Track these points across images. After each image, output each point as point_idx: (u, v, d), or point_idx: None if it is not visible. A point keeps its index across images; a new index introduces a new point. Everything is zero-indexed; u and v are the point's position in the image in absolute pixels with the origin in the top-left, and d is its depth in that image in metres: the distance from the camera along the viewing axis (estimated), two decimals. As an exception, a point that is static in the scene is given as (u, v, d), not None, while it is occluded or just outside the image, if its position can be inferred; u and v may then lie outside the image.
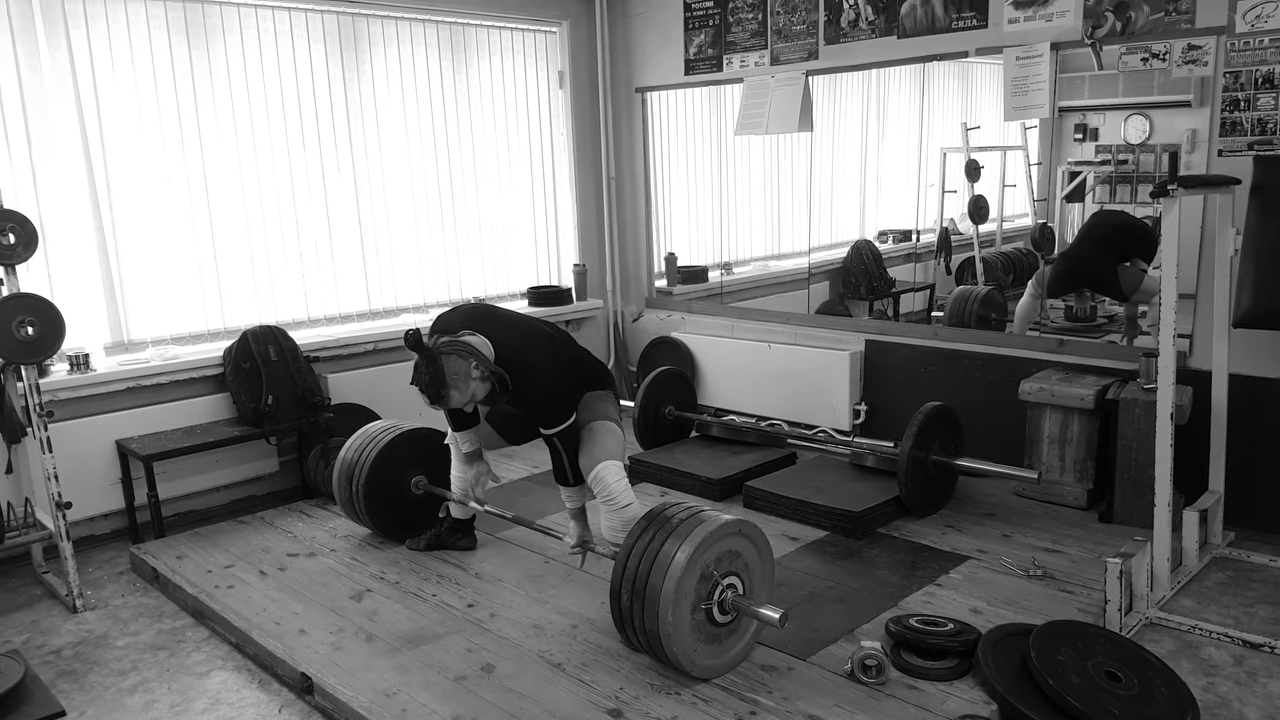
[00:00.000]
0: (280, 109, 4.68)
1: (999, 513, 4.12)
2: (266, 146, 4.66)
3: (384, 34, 5.00)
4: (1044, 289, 5.03)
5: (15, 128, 3.96)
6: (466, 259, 5.50)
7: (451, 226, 5.41)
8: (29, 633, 3.45)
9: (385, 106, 5.05)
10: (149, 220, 4.36)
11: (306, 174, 4.81)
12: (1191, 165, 4.51)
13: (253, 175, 4.63)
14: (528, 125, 5.69)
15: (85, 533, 4.20)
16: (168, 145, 4.36)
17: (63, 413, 3.98)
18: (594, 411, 3.38)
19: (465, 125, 5.39)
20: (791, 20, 4.95)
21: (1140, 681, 2.61)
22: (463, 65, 5.34)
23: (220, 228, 4.56)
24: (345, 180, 4.95)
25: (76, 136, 4.12)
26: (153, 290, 4.41)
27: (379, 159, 5.06)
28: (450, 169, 5.36)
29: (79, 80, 4.09)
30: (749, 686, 2.82)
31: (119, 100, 4.21)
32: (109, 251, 4.26)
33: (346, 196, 4.97)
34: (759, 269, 6.16)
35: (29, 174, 4.01)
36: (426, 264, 5.33)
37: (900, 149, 6.01)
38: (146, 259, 4.37)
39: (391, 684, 2.89)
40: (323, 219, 4.89)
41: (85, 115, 4.13)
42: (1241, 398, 3.69)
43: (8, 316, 3.41)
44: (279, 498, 4.64)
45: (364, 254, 5.07)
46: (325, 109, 4.83)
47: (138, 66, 4.25)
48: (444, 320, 3.29)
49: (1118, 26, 3.92)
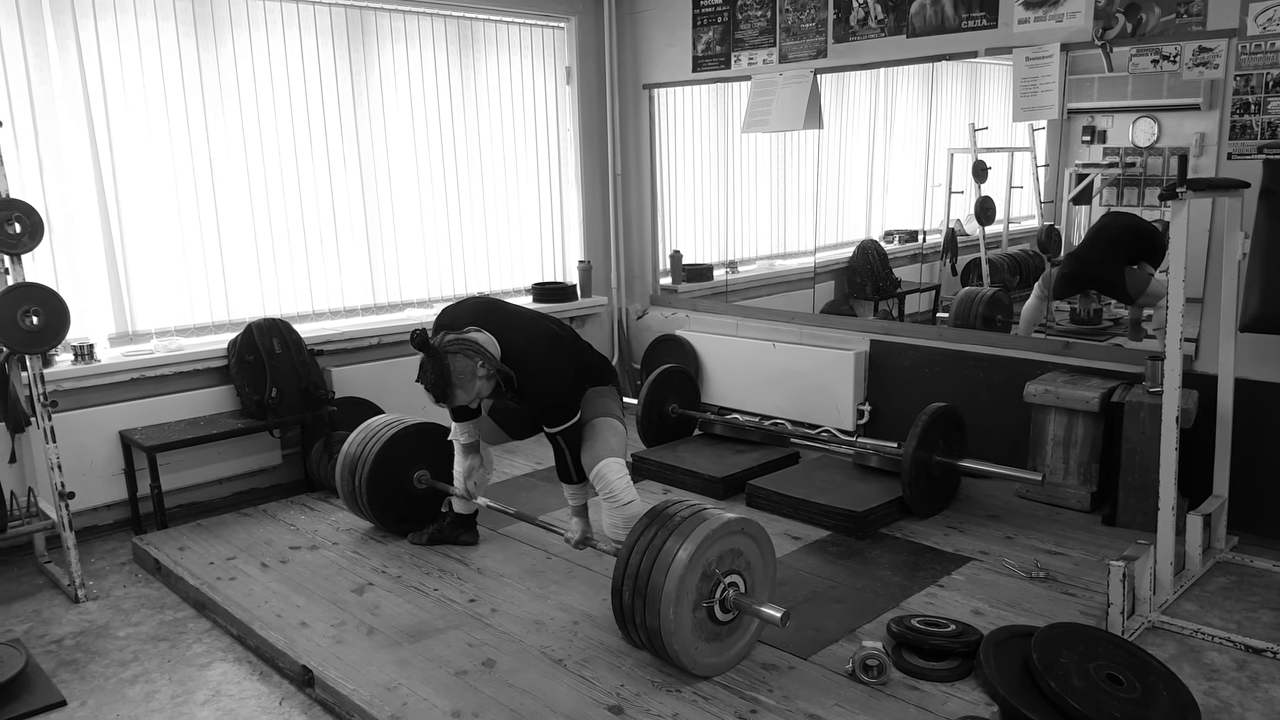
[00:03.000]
0: (288, 102, 4.68)
1: (1002, 514, 4.11)
2: (273, 139, 4.66)
3: (392, 28, 5.00)
4: (1050, 291, 5.01)
5: (22, 117, 3.96)
6: (471, 254, 5.50)
7: (457, 221, 5.41)
8: (30, 622, 3.45)
9: (392, 101, 5.05)
10: (155, 211, 4.36)
11: (313, 167, 4.81)
12: (1199, 169, 4.50)
13: (259, 168, 4.63)
14: (534, 121, 5.68)
15: (88, 523, 4.21)
16: (174, 136, 4.36)
17: (66, 403, 3.98)
18: (597, 408, 3.38)
19: (472, 120, 5.38)
20: (800, 18, 4.94)
21: (1142, 685, 2.61)
22: (470, 60, 5.34)
23: (226, 220, 4.56)
24: (352, 174, 4.95)
25: (83, 127, 4.12)
26: (158, 282, 4.42)
27: (385, 153, 5.06)
28: (456, 164, 5.35)
29: (86, 70, 4.09)
30: (750, 685, 2.82)
31: (126, 91, 4.21)
32: (115, 242, 4.26)
33: (353, 190, 4.97)
34: (764, 268, 6.16)
35: (35, 163, 4.01)
36: (431, 258, 5.33)
37: (908, 149, 6.00)
38: (152, 250, 4.37)
39: (392, 677, 2.89)
40: (329, 212, 4.89)
41: (92, 106, 4.13)
42: (1247, 402, 3.67)
43: (13, 306, 3.41)
44: (282, 490, 4.64)
45: (369, 248, 5.07)
46: (332, 102, 4.83)
47: (145, 58, 4.24)
48: (450, 314, 3.28)
49: (1128, 28, 3.90)
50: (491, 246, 5.59)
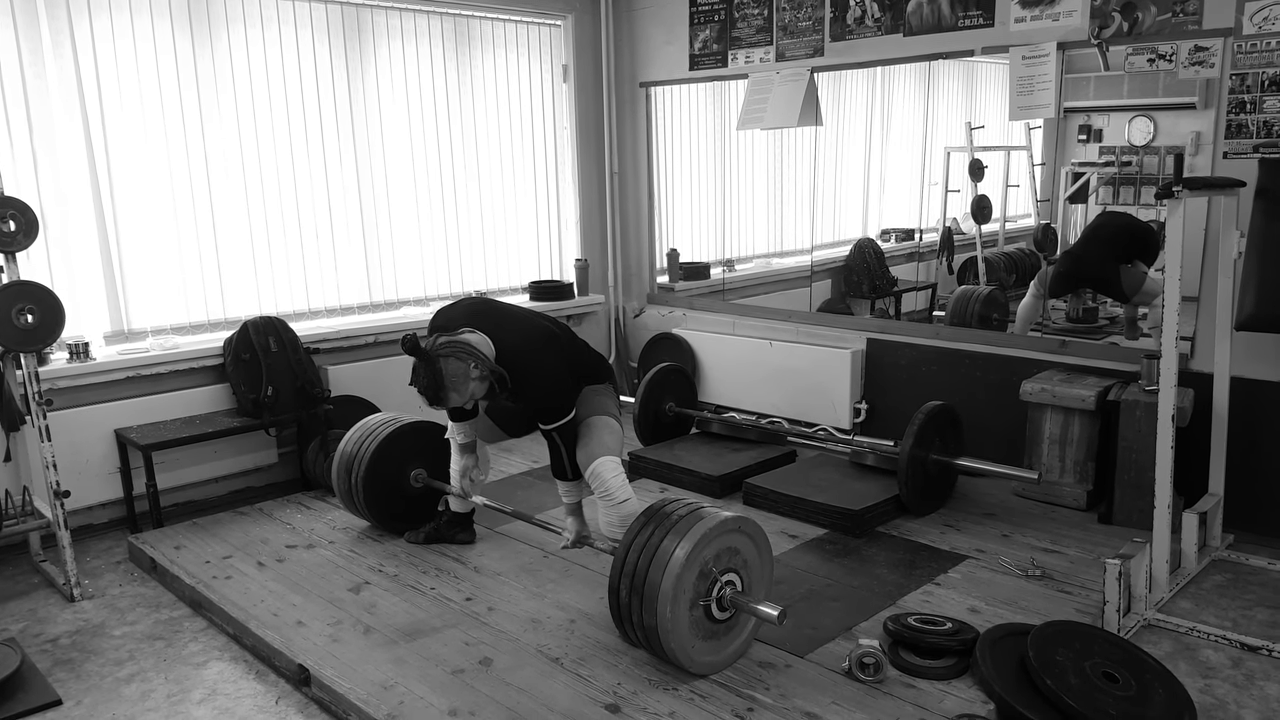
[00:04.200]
0: (283, 99, 4.67)
1: (998, 513, 4.12)
2: (269, 137, 4.64)
3: (388, 26, 4.99)
4: (1046, 289, 5.02)
5: (17, 114, 3.94)
6: (468, 252, 5.49)
7: (453, 220, 5.40)
8: (26, 621, 3.44)
9: (389, 98, 5.04)
10: (150, 209, 4.35)
11: (309, 165, 4.79)
12: (1195, 168, 4.51)
13: (255, 166, 4.62)
14: (531, 119, 5.67)
15: (83, 522, 4.20)
16: (170, 134, 4.35)
17: (62, 401, 3.97)
18: (593, 406, 3.38)
19: (468, 118, 5.38)
20: (797, 16, 4.94)
21: (1138, 683, 2.61)
22: (466, 58, 5.33)
23: (222, 218, 4.55)
24: (348, 172, 4.94)
25: (78, 124, 4.11)
26: (153, 280, 4.40)
27: (381, 151, 5.05)
28: (453, 162, 5.35)
29: (81, 67, 4.08)
30: (747, 683, 2.82)
31: (121, 88, 4.20)
32: (110, 240, 4.25)
33: (349, 188, 4.95)
34: (761, 266, 6.16)
35: (30, 161, 4.00)
36: (428, 257, 5.32)
37: (904, 148, 6.01)
38: (147, 248, 4.36)
39: (389, 676, 2.89)
40: (325, 210, 4.88)
41: (87, 102, 4.11)
42: (1242, 401, 3.68)
43: (8, 304, 3.40)
44: (278, 489, 4.63)
45: (365, 246, 5.06)
46: (328, 100, 4.82)
47: (140, 55, 4.23)
48: (444, 316, 3.28)
49: (1124, 27, 3.91)
50: (488, 244, 5.58)
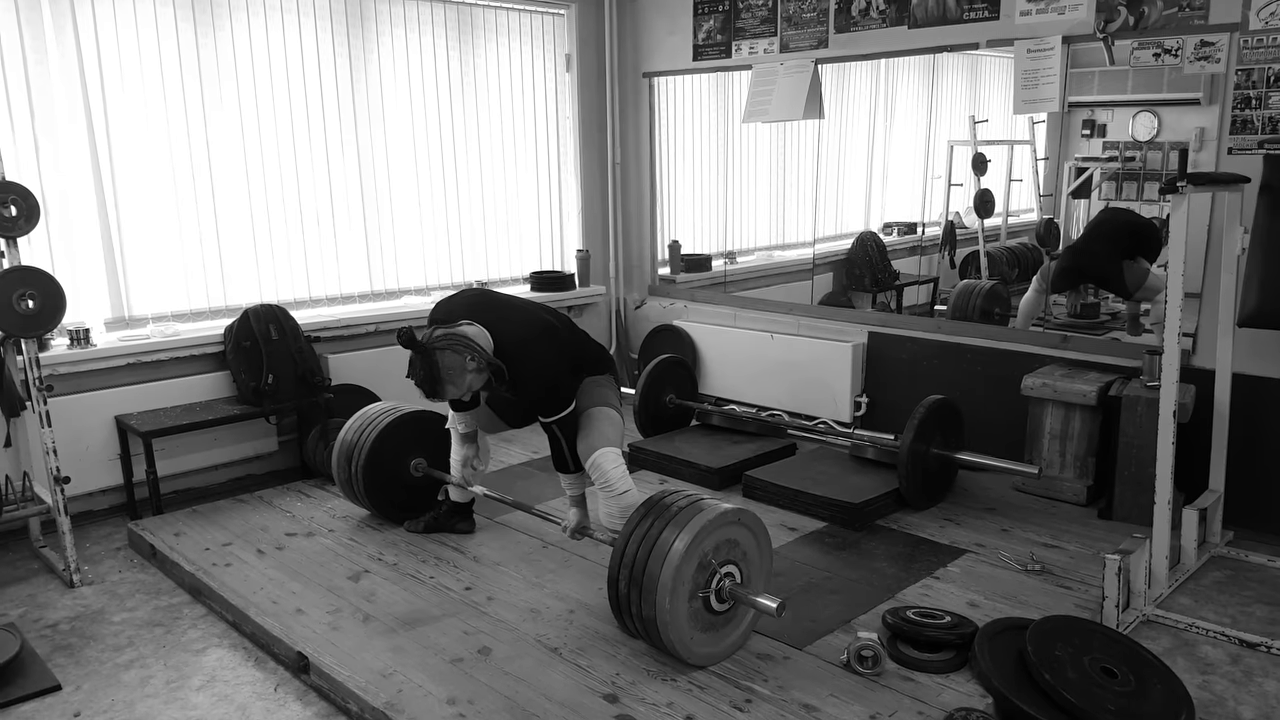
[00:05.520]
0: (285, 87, 4.66)
1: (998, 507, 4.12)
2: (271, 124, 4.63)
3: (391, 14, 4.97)
4: (1048, 284, 5.01)
5: (18, 100, 3.93)
6: (470, 242, 5.48)
7: (455, 209, 5.39)
8: (25, 606, 3.45)
9: (391, 87, 5.02)
10: (152, 196, 4.34)
11: (311, 153, 4.78)
12: (1199, 163, 4.50)
13: (256, 153, 4.60)
14: (533, 109, 5.66)
15: (83, 508, 4.20)
16: (171, 120, 4.34)
17: (62, 387, 3.97)
18: (593, 397, 3.37)
19: (470, 107, 5.36)
20: (802, 7, 4.92)
21: (1136, 678, 2.61)
22: (469, 47, 5.31)
23: (223, 205, 4.54)
24: (350, 160, 4.93)
25: (80, 110, 4.10)
26: (154, 266, 4.40)
27: (384, 140, 5.04)
28: (455, 151, 5.33)
29: (83, 52, 4.06)
30: (745, 675, 2.82)
31: (123, 74, 4.18)
32: (111, 226, 4.24)
33: (350, 177, 4.94)
34: (763, 258, 6.15)
35: (31, 146, 3.99)
36: (429, 246, 5.31)
37: (907, 141, 5.99)
38: (149, 235, 4.35)
39: (388, 665, 2.89)
40: (326, 199, 4.87)
41: (89, 88, 4.10)
42: (1244, 397, 3.68)
43: (8, 290, 3.39)
44: (278, 477, 4.63)
45: (367, 235, 5.05)
46: (331, 88, 4.80)
47: (143, 41, 4.22)
48: (443, 308, 3.26)
49: (1130, 21, 3.89)
50: (490, 234, 5.57)
